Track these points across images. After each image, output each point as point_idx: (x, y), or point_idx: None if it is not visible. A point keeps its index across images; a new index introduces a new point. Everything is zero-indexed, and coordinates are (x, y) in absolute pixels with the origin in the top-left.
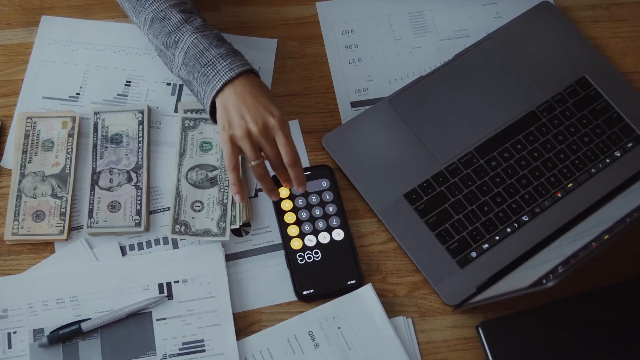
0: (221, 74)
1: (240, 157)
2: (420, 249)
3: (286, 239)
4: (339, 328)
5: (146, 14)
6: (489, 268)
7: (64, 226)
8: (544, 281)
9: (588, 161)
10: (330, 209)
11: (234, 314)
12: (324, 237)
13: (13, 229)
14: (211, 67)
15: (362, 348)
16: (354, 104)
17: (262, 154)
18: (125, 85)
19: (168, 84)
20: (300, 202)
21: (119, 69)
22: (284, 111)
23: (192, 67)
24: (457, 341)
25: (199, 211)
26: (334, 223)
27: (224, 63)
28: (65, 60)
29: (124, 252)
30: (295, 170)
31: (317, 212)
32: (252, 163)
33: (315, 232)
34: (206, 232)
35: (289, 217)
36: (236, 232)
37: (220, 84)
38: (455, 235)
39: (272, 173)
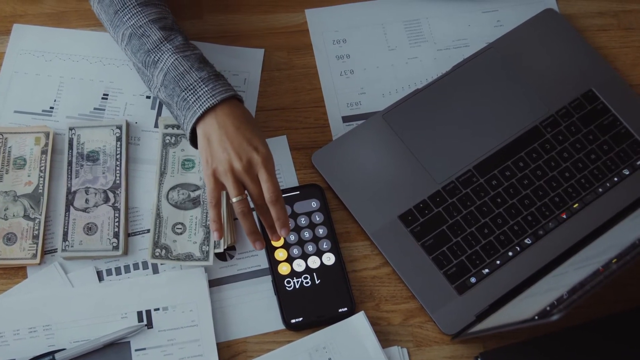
0: (202, 100)
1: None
2: (416, 274)
3: (273, 263)
4: (330, 359)
5: (124, 28)
6: (490, 295)
7: (36, 250)
8: (549, 309)
9: (595, 180)
10: (321, 231)
11: (217, 344)
12: (314, 262)
13: None
14: (192, 91)
15: None
16: (346, 119)
17: (246, 192)
18: (102, 98)
19: (148, 97)
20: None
21: (95, 81)
22: (267, 146)
23: (172, 90)
24: None
25: (181, 234)
26: (324, 246)
27: (206, 88)
28: (39, 71)
29: (100, 278)
30: (276, 208)
31: (307, 234)
32: (234, 200)
33: (305, 256)
34: (188, 257)
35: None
36: (220, 257)
37: (201, 111)
38: (453, 260)
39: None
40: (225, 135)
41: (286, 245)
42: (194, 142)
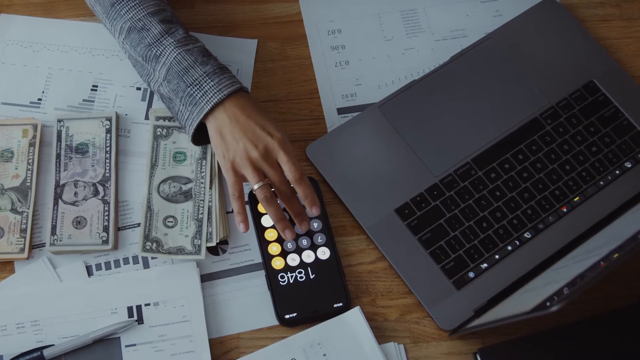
0: (209, 95)
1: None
2: (413, 268)
3: (267, 257)
4: (325, 355)
5: (122, 21)
6: (488, 290)
7: (24, 244)
8: (548, 304)
9: (596, 173)
10: (315, 225)
11: (210, 340)
12: (308, 256)
13: None
14: (198, 87)
15: None
16: (341, 111)
17: (267, 180)
18: (92, 90)
19: (138, 88)
20: None
21: (84, 72)
22: (281, 129)
23: (176, 85)
24: None
25: (172, 227)
26: (319, 240)
27: (212, 83)
28: (26, 62)
29: (90, 272)
30: (302, 187)
31: None
32: (255, 187)
33: (299, 251)
34: (180, 250)
35: (270, 234)
36: (212, 251)
37: (209, 107)
38: (451, 254)
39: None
40: (238, 126)
41: (280, 239)
42: (194, 138)
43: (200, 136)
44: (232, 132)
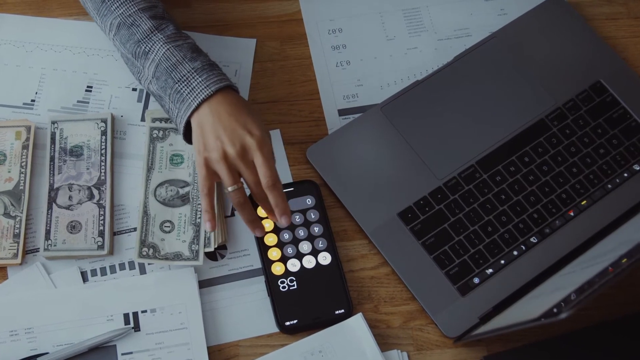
0: (196, 92)
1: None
2: (416, 274)
3: (267, 263)
4: None
5: (112, 18)
6: (494, 296)
7: (17, 249)
8: (555, 310)
9: (604, 176)
10: (316, 229)
11: (208, 348)
12: (309, 262)
13: None
14: (185, 83)
15: None
16: (342, 112)
17: (242, 179)
18: (86, 90)
19: (134, 89)
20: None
21: (78, 72)
22: (265, 129)
23: (164, 82)
24: None
25: (169, 232)
26: (319, 245)
27: (200, 79)
28: (19, 62)
29: (85, 278)
30: (273, 194)
31: (301, 233)
32: (229, 189)
33: (299, 256)
34: (177, 256)
35: (270, 239)
36: (210, 256)
37: (195, 103)
38: (455, 259)
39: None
40: (219, 122)
41: (280, 244)
42: (187, 136)
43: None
44: (213, 127)
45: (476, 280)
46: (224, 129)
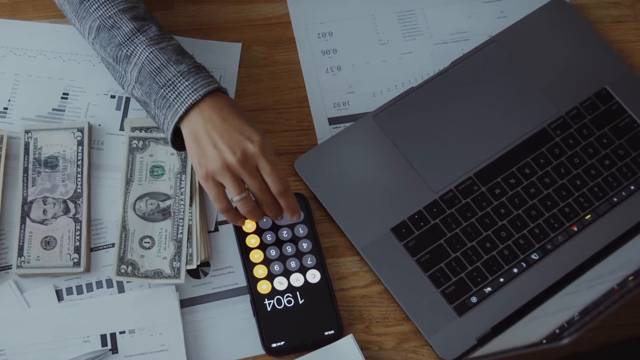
0: (183, 97)
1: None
2: (410, 293)
3: (252, 281)
4: None
5: (91, 20)
6: (492, 316)
7: None
8: (558, 332)
9: (609, 188)
10: (305, 245)
11: None
12: (297, 280)
13: None
14: (171, 88)
15: None
16: (333, 121)
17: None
18: (62, 98)
19: (112, 96)
20: (269, 237)
21: (54, 78)
22: (262, 133)
23: (149, 87)
24: None
25: (149, 248)
26: (308, 262)
27: (186, 83)
28: None
29: (60, 297)
30: (286, 199)
31: (289, 249)
32: (236, 199)
33: (287, 274)
34: (157, 274)
35: (256, 256)
36: (193, 274)
37: (183, 109)
38: (452, 277)
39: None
40: (214, 129)
41: (266, 261)
42: (175, 144)
43: (182, 141)
44: (208, 136)
45: (474, 299)
46: (220, 135)
